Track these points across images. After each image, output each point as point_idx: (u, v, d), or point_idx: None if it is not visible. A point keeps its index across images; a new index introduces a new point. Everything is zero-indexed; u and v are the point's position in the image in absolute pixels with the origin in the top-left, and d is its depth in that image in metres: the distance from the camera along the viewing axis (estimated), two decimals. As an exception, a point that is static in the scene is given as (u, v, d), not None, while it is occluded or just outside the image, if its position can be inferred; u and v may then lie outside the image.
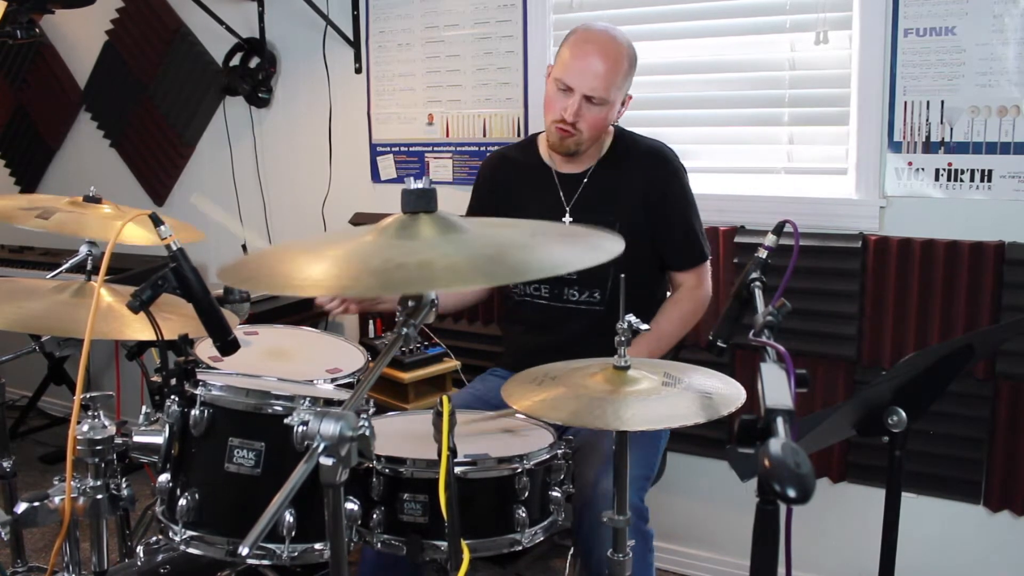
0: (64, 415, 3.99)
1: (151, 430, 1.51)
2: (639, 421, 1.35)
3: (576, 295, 2.07)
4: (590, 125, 2.00)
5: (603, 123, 2.02)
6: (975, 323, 2.20)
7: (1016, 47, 2.13)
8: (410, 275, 1.06)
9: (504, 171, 2.22)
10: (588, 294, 2.06)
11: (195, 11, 3.22)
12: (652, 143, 2.13)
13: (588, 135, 2.01)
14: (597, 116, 1.99)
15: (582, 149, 2.05)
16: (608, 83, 1.97)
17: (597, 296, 2.05)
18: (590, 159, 2.10)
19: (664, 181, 2.07)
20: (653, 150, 2.11)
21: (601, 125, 2.02)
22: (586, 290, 2.05)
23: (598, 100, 1.97)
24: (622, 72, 2.00)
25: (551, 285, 2.09)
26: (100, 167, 3.81)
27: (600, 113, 1.99)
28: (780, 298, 1.29)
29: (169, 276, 1.41)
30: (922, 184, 2.27)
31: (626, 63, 2.01)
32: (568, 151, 2.05)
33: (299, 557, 1.42)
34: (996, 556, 2.30)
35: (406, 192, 1.18)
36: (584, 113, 1.98)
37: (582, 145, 2.03)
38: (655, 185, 2.06)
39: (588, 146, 2.05)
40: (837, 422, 1.36)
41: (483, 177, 2.27)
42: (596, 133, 2.02)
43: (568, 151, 2.05)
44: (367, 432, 1.06)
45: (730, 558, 2.67)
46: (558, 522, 1.60)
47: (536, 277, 1.13)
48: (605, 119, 2.01)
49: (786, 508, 1.08)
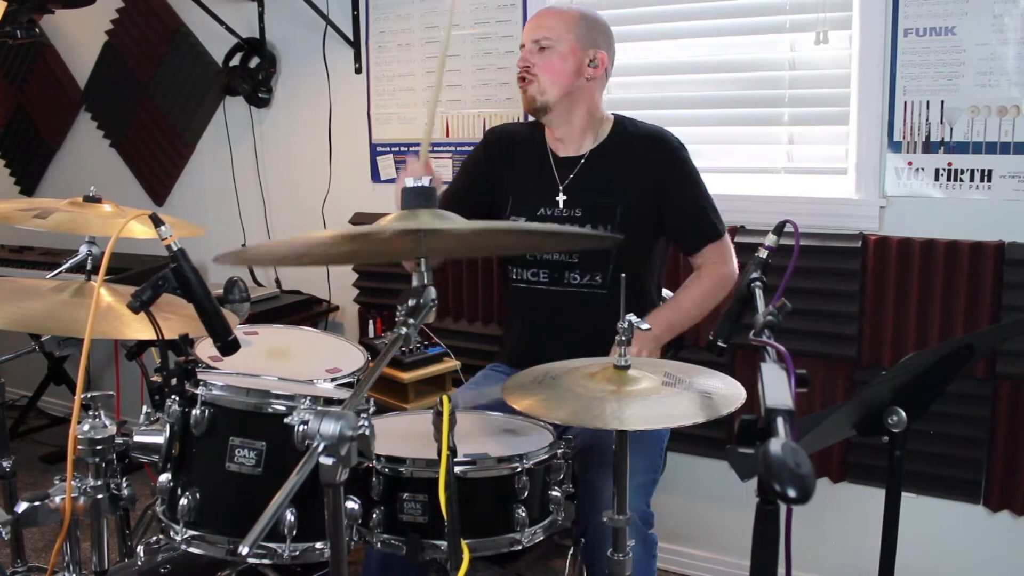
0: (64, 415, 3.99)
1: (151, 430, 1.52)
2: (639, 421, 1.35)
3: (577, 278, 2.04)
4: (543, 68, 2.03)
5: (557, 67, 2.02)
6: (975, 323, 2.20)
7: (1016, 47, 2.13)
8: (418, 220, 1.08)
9: (506, 145, 2.21)
10: (589, 277, 2.03)
11: (195, 11, 3.22)
12: (650, 127, 2.12)
13: (545, 79, 2.02)
14: (550, 60, 2.02)
15: (548, 101, 2.03)
16: (553, 26, 2.02)
17: (599, 279, 2.03)
18: (586, 142, 2.10)
19: (665, 164, 2.05)
20: (651, 133, 2.10)
21: (555, 68, 2.02)
22: (587, 273, 2.03)
23: (545, 43, 2.02)
24: (571, 19, 2.04)
25: (551, 269, 2.06)
26: (100, 167, 3.81)
27: (552, 58, 2.02)
28: (780, 298, 1.29)
29: (169, 276, 1.41)
30: (922, 184, 2.28)
31: (578, 15, 2.05)
32: (534, 105, 2.05)
33: (300, 556, 1.42)
34: (996, 556, 2.30)
35: (406, 190, 1.19)
36: (536, 60, 2.03)
37: (546, 95, 2.03)
38: (656, 169, 2.04)
39: (555, 97, 2.03)
40: (837, 422, 1.36)
41: (488, 144, 2.24)
42: (554, 78, 2.02)
43: (534, 105, 2.05)
44: (367, 432, 1.06)
45: (730, 558, 2.67)
46: (558, 521, 1.60)
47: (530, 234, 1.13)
48: (559, 63, 2.02)
49: (786, 508, 1.08)
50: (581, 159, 2.09)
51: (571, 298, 2.06)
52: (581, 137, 2.10)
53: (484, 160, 2.21)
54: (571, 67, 2.03)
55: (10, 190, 4.15)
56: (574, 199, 2.07)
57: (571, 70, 2.03)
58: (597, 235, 1.94)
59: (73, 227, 1.77)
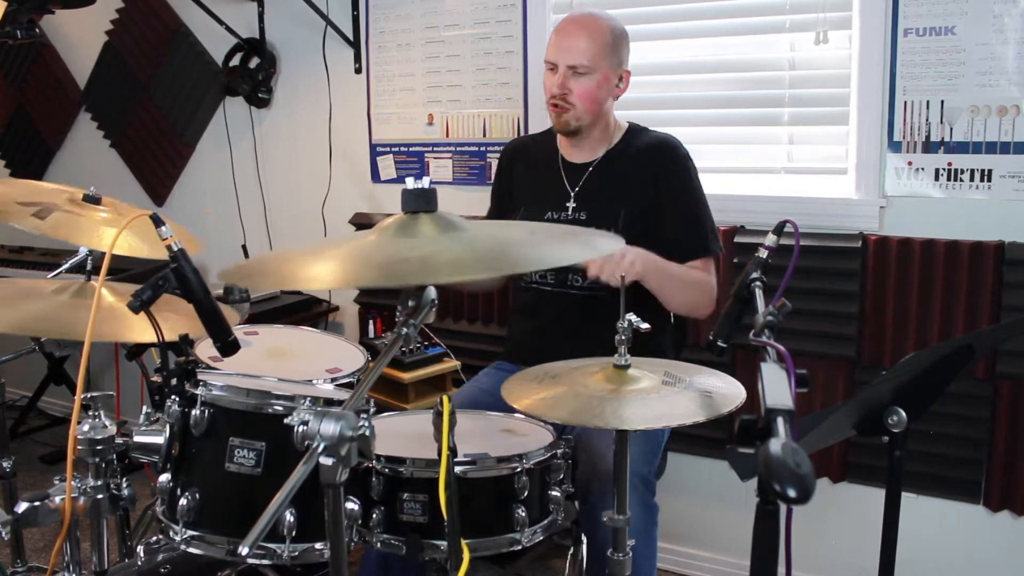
0: (64, 415, 3.99)
1: (151, 430, 1.51)
2: (639, 420, 1.35)
3: (580, 281, 2.06)
4: (580, 96, 2.02)
5: (594, 94, 2.03)
6: (975, 323, 2.20)
7: (1016, 47, 2.13)
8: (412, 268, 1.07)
9: (518, 156, 2.27)
10: (592, 281, 2.05)
11: (195, 11, 3.22)
12: (660, 135, 2.14)
13: (582, 107, 2.03)
14: (586, 86, 2.02)
15: (583, 125, 2.05)
16: (589, 51, 2.01)
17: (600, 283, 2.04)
18: (599, 149, 2.12)
19: (667, 168, 2.07)
20: (660, 140, 2.12)
21: (592, 96, 2.03)
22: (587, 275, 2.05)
23: (582, 69, 2.01)
24: (604, 41, 2.02)
25: (556, 271, 2.09)
26: (100, 167, 3.81)
27: (588, 83, 2.01)
28: (780, 298, 1.29)
29: (169, 276, 1.41)
30: (922, 184, 2.27)
31: (609, 34, 2.03)
32: (568, 129, 2.07)
33: (299, 557, 1.42)
34: (996, 556, 2.30)
35: (406, 192, 1.18)
36: (571, 85, 2.02)
37: (581, 120, 2.04)
38: (659, 174, 2.06)
39: (588, 121, 2.05)
40: (837, 422, 1.36)
41: (501, 161, 2.32)
42: (590, 105, 2.03)
43: (568, 129, 2.07)
44: (367, 432, 1.06)
45: (730, 558, 2.67)
46: (558, 521, 1.60)
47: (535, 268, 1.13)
48: (595, 90, 2.02)
49: (786, 508, 1.08)
50: (591, 165, 2.11)
51: (574, 300, 2.08)
52: (596, 145, 2.13)
53: (498, 180, 2.31)
54: (605, 92, 2.05)
55: (10, 190, 4.15)
56: (582, 203, 2.10)
57: (604, 94, 2.05)
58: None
59: (71, 234, 1.74)
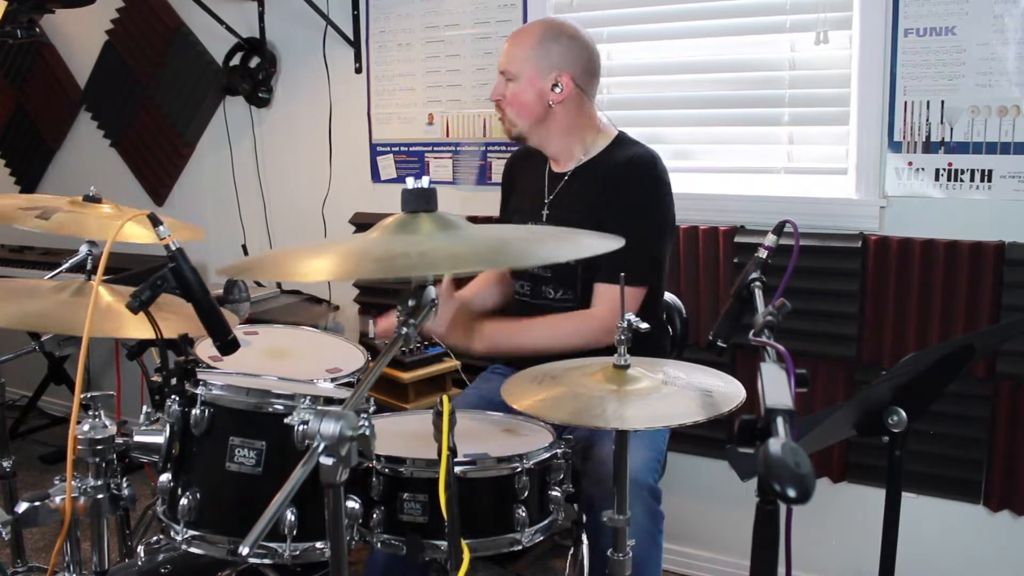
0: (64, 415, 3.99)
1: (152, 430, 1.51)
2: (639, 420, 1.35)
3: (552, 293, 2.07)
4: (509, 101, 2.04)
5: (520, 99, 2.01)
6: (975, 323, 2.20)
7: (1016, 47, 2.13)
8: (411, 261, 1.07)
9: (517, 165, 2.28)
10: (562, 292, 2.06)
11: (195, 11, 3.22)
12: (641, 149, 2.02)
13: (512, 112, 2.04)
14: (514, 92, 2.02)
15: (523, 131, 2.05)
16: (513, 57, 2.01)
17: (570, 295, 2.05)
18: (574, 159, 2.09)
19: (625, 182, 1.97)
20: (636, 156, 2.00)
21: (519, 101, 2.02)
22: (560, 289, 2.06)
23: (508, 75, 2.02)
24: (527, 45, 2.00)
25: (532, 282, 2.10)
26: (100, 167, 3.81)
27: (516, 89, 2.01)
28: (780, 298, 1.29)
29: (168, 276, 1.40)
30: (922, 184, 2.27)
31: (536, 39, 2.01)
32: (511, 135, 2.09)
33: (300, 556, 1.42)
34: (996, 556, 2.30)
35: (406, 192, 1.18)
36: (504, 92, 2.04)
37: (517, 126, 2.05)
38: (624, 189, 1.97)
39: (527, 127, 2.04)
40: (837, 422, 1.36)
41: (504, 170, 2.34)
42: (520, 110, 2.03)
43: (511, 135, 2.09)
44: (367, 432, 1.06)
45: (730, 558, 2.67)
46: (558, 522, 1.60)
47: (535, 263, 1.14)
48: (521, 95, 2.01)
49: (786, 508, 1.08)
50: (566, 175, 2.10)
51: (548, 311, 2.07)
52: (570, 154, 2.09)
53: (502, 192, 2.32)
54: (532, 96, 2.01)
55: (10, 190, 4.15)
56: (554, 214, 2.09)
57: (533, 99, 2.01)
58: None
59: (74, 230, 1.76)
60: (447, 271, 1.08)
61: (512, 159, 2.32)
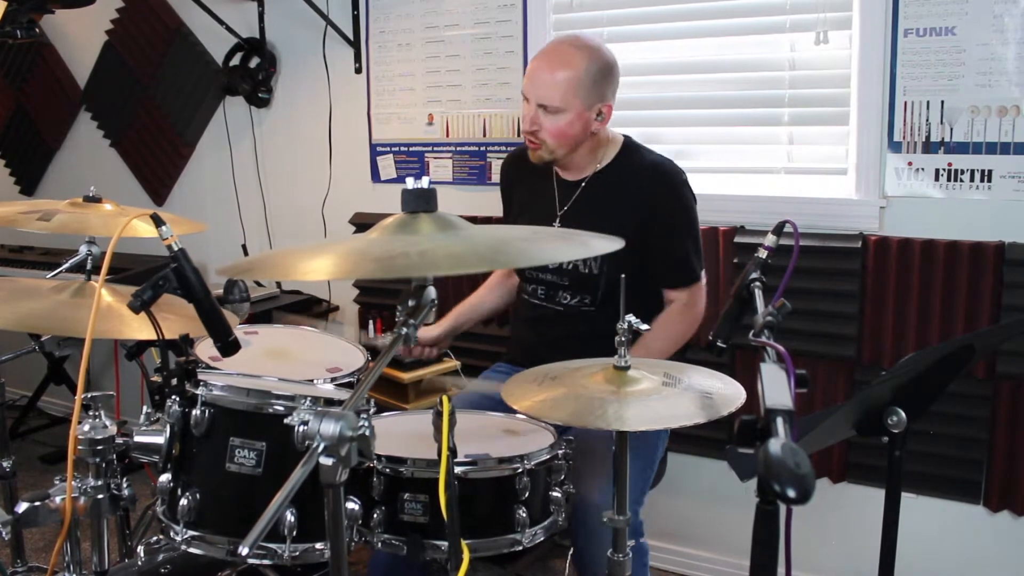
0: (64, 415, 3.99)
1: (152, 430, 1.51)
2: (639, 421, 1.35)
3: (568, 298, 2.08)
4: (550, 134, 1.97)
5: (564, 132, 1.97)
6: (975, 323, 2.20)
7: (1016, 47, 2.13)
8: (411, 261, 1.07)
9: (515, 170, 2.26)
10: (579, 299, 2.06)
11: (195, 11, 3.22)
12: (657, 158, 2.07)
13: (552, 144, 1.99)
14: (555, 125, 1.96)
15: (557, 158, 2.02)
16: (557, 90, 1.93)
17: (588, 300, 2.06)
18: (590, 168, 2.08)
19: (662, 197, 2.01)
20: (656, 165, 2.05)
21: (562, 134, 1.97)
22: (577, 295, 2.06)
23: (551, 109, 1.95)
24: (576, 80, 1.93)
25: (547, 288, 2.10)
26: (100, 167, 3.81)
27: (558, 122, 1.95)
28: (780, 298, 1.29)
29: (170, 276, 1.41)
30: (922, 184, 2.27)
31: (583, 72, 1.94)
32: (542, 162, 2.04)
33: (300, 557, 1.42)
34: (996, 556, 2.30)
35: (406, 192, 1.18)
36: (542, 122, 1.97)
37: (554, 155, 2.01)
38: (653, 201, 2.00)
39: (563, 155, 2.02)
40: (837, 422, 1.36)
41: (501, 174, 2.33)
42: (561, 142, 1.98)
43: (542, 162, 2.04)
44: (367, 432, 1.06)
45: (730, 558, 2.67)
46: (558, 522, 1.60)
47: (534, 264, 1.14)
48: (566, 129, 1.96)
49: (786, 508, 1.08)
50: (582, 183, 2.09)
51: (564, 315, 2.09)
52: (584, 164, 2.09)
53: (502, 191, 2.32)
54: (579, 128, 1.98)
55: (10, 190, 4.15)
56: (569, 222, 2.07)
57: (579, 131, 1.99)
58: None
59: (76, 228, 1.77)
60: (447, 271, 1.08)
61: (508, 166, 2.29)
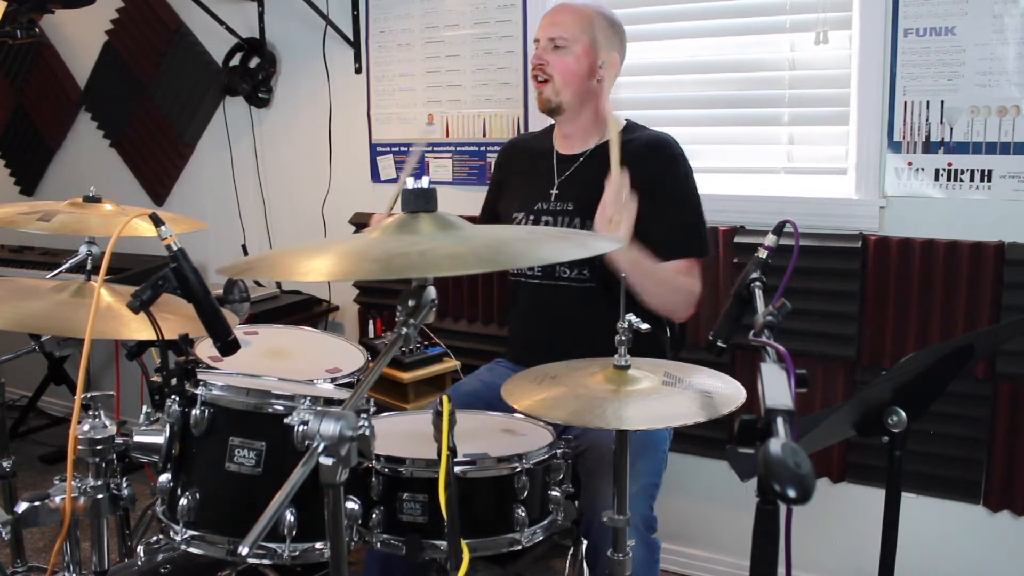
0: (64, 415, 3.99)
1: (151, 430, 1.51)
2: (640, 421, 1.35)
3: (567, 271, 2.07)
4: (559, 70, 2.03)
5: (571, 68, 2.03)
6: (975, 323, 2.20)
7: (1016, 47, 2.13)
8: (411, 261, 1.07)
9: (515, 153, 2.29)
10: (578, 271, 2.05)
11: (195, 11, 3.22)
12: (656, 133, 2.12)
13: (559, 80, 2.03)
14: (564, 60, 2.02)
15: (563, 101, 2.05)
16: (569, 26, 2.02)
17: (586, 273, 2.04)
18: (590, 141, 2.11)
19: (656, 169, 2.02)
20: (655, 137, 2.10)
21: (569, 70, 2.03)
22: (575, 267, 2.05)
23: (560, 42, 2.02)
24: (587, 20, 2.03)
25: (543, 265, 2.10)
26: (100, 167, 3.81)
27: (566, 57, 2.02)
28: (780, 298, 1.29)
29: (169, 276, 1.41)
30: (922, 184, 2.27)
31: (593, 15, 2.04)
32: (550, 106, 2.07)
33: (300, 556, 1.42)
34: (996, 556, 2.30)
35: (406, 192, 1.18)
36: (551, 59, 2.04)
37: (560, 95, 2.04)
38: (652, 171, 2.01)
39: (568, 98, 2.05)
40: (837, 422, 1.36)
41: (498, 158, 2.35)
42: (568, 78, 2.03)
43: (550, 106, 2.07)
44: (367, 432, 1.06)
45: (730, 558, 2.67)
46: (557, 521, 1.60)
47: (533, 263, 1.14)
48: (573, 65, 2.02)
49: (786, 508, 1.08)
50: (581, 156, 2.11)
51: (563, 292, 2.07)
52: (585, 135, 2.12)
53: (496, 172, 2.33)
54: (584, 68, 2.04)
55: (10, 190, 4.15)
56: (566, 193, 2.09)
57: (584, 72, 2.04)
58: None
59: (76, 228, 1.77)
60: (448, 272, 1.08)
61: (509, 147, 2.32)
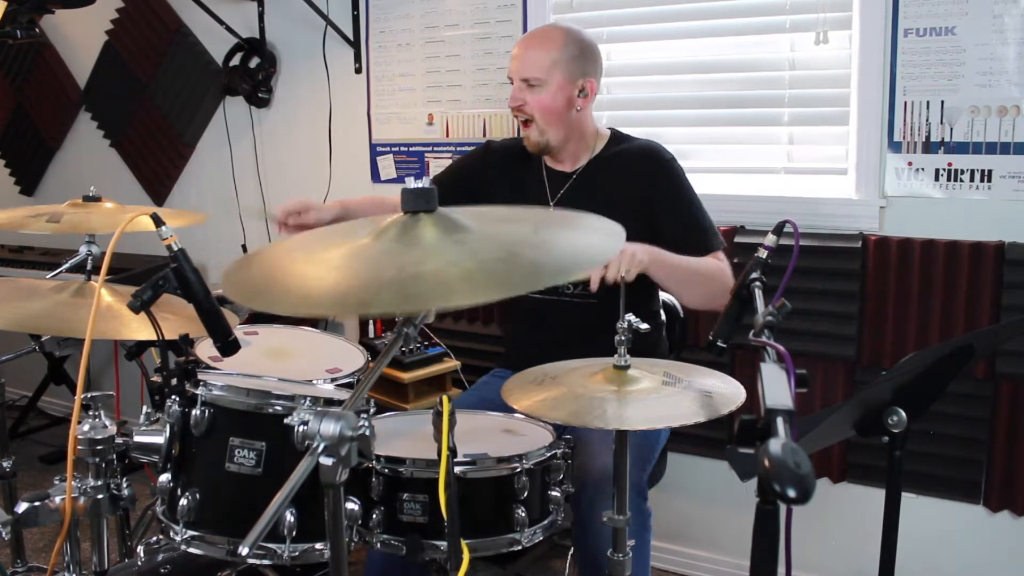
0: (64, 415, 3.99)
1: (151, 430, 1.52)
2: (639, 421, 1.35)
3: (570, 288, 2.06)
4: (536, 108, 2.02)
5: (548, 106, 2.02)
6: (975, 323, 2.20)
7: (1016, 47, 2.13)
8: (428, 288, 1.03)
9: (499, 159, 2.23)
10: (582, 288, 2.03)
11: (195, 11, 3.22)
12: (643, 142, 2.12)
13: (541, 120, 2.03)
14: (540, 98, 2.01)
15: (549, 139, 2.05)
16: (539, 63, 2.00)
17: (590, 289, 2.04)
18: (581, 158, 2.11)
19: (654, 177, 2.04)
20: (643, 149, 2.09)
21: (547, 108, 2.02)
22: (578, 284, 2.04)
23: (534, 81, 2.01)
24: (555, 53, 2.00)
25: None
26: (100, 167, 3.81)
27: (542, 95, 2.01)
28: (780, 298, 1.29)
29: (170, 276, 1.41)
30: (922, 184, 2.27)
31: (563, 46, 2.01)
32: (538, 148, 2.07)
33: (299, 557, 1.42)
34: (996, 556, 2.30)
35: (406, 192, 1.18)
36: (527, 98, 2.02)
37: (545, 134, 2.04)
38: (646, 183, 2.03)
39: (554, 135, 2.04)
40: (837, 422, 1.36)
41: (476, 153, 2.28)
42: (548, 118, 2.03)
43: (538, 148, 2.07)
44: (367, 432, 1.06)
45: (730, 558, 2.67)
46: (557, 522, 1.60)
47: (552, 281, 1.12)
48: (549, 102, 2.01)
49: (786, 508, 1.08)
50: (573, 174, 2.11)
51: (564, 308, 2.07)
52: (575, 154, 2.12)
53: (480, 164, 2.25)
54: (561, 103, 2.03)
55: (10, 190, 4.15)
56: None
57: (562, 105, 2.03)
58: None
59: (80, 226, 1.77)
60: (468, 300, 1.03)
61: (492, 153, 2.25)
